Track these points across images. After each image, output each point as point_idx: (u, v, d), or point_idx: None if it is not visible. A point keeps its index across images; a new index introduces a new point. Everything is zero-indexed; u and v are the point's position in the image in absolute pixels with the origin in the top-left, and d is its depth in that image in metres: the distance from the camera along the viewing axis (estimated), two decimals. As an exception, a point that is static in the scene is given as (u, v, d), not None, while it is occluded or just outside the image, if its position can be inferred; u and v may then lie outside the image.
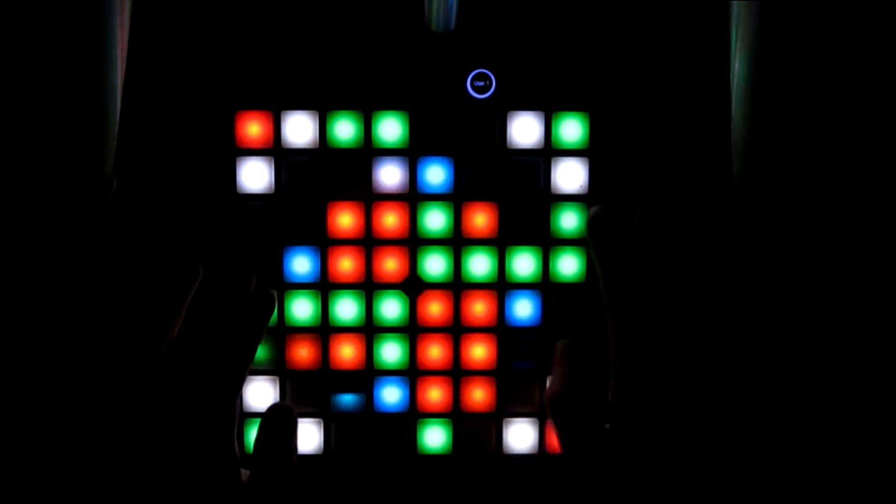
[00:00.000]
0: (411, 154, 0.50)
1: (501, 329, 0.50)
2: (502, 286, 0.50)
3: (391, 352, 0.51)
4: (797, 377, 0.46)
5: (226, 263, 0.50)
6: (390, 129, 0.49)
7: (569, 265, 0.50)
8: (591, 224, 0.45)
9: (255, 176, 0.49)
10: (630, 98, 0.49)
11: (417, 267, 0.50)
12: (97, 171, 0.46)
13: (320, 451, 0.51)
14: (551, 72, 0.49)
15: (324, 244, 0.50)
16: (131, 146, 0.50)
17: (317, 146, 0.49)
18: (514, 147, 0.50)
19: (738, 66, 0.47)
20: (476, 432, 0.51)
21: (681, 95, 0.50)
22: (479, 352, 0.51)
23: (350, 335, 0.50)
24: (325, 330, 0.50)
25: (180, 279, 0.46)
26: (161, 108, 0.50)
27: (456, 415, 0.51)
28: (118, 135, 0.48)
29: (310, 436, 0.51)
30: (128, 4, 0.47)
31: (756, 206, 0.47)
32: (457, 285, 0.50)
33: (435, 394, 0.51)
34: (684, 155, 0.50)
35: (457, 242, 0.50)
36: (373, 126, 0.49)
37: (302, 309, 0.50)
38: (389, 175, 0.50)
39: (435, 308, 0.50)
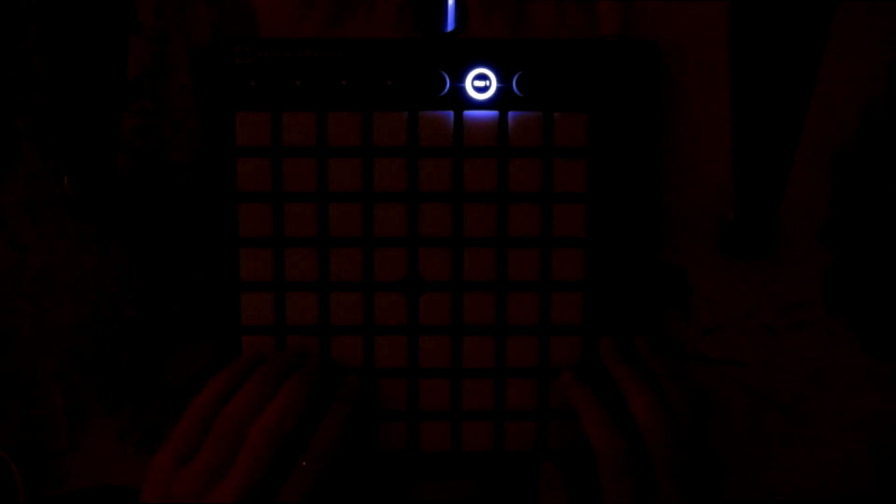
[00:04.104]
0: (411, 154, 0.50)
1: (501, 329, 0.50)
2: (502, 286, 0.50)
3: (391, 351, 0.50)
4: None
5: (222, 261, 0.50)
6: (390, 129, 0.49)
7: (569, 265, 0.50)
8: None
9: (254, 176, 0.49)
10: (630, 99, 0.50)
11: (417, 267, 0.50)
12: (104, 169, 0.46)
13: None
14: (551, 72, 0.49)
15: (323, 244, 0.50)
16: (130, 146, 0.51)
17: (317, 146, 0.49)
18: (514, 147, 0.50)
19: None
20: (476, 431, 0.51)
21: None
22: (479, 351, 0.51)
23: (349, 335, 0.50)
24: (323, 329, 0.50)
25: None
26: (160, 107, 0.50)
27: (457, 414, 0.51)
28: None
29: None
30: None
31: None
32: (457, 285, 0.50)
33: (435, 393, 0.51)
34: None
35: (457, 242, 0.50)
36: (372, 126, 0.49)
37: (301, 308, 0.50)
38: (389, 175, 0.50)
39: (435, 308, 0.50)
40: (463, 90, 0.49)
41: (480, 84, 0.49)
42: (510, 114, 0.49)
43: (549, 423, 0.51)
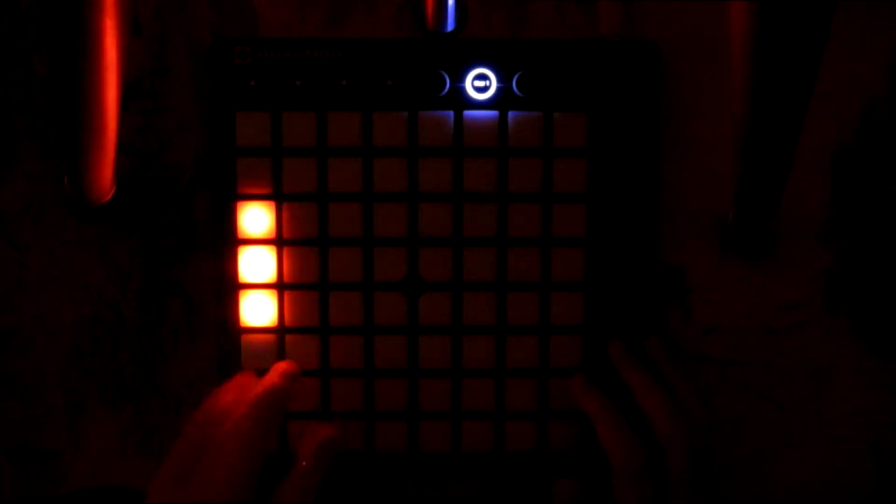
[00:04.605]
0: (411, 154, 0.50)
1: (501, 329, 0.50)
2: (502, 286, 0.50)
3: (391, 351, 0.50)
4: None
5: (222, 261, 0.50)
6: (390, 129, 0.49)
7: (569, 265, 0.50)
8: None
9: (254, 176, 0.49)
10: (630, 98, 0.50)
11: (417, 267, 0.50)
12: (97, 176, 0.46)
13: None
14: (551, 72, 0.49)
15: (323, 244, 0.50)
16: (130, 148, 0.50)
17: (317, 146, 0.49)
18: (514, 147, 0.50)
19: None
20: (476, 431, 0.51)
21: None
22: (479, 351, 0.50)
23: (349, 335, 0.50)
24: (323, 329, 0.50)
25: None
26: (160, 108, 0.50)
27: (456, 414, 0.51)
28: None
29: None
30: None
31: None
32: (457, 285, 0.50)
33: (435, 393, 0.51)
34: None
35: (457, 242, 0.50)
36: (372, 126, 0.49)
37: (301, 308, 0.50)
38: (389, 175, 0.50)
39: (435, 308, 0.50)
40: (463, 90, 0.49)
41: (480, 84, 0.49)
42: (510, 114, 0.49)
43: (549, 423, 0.51)
